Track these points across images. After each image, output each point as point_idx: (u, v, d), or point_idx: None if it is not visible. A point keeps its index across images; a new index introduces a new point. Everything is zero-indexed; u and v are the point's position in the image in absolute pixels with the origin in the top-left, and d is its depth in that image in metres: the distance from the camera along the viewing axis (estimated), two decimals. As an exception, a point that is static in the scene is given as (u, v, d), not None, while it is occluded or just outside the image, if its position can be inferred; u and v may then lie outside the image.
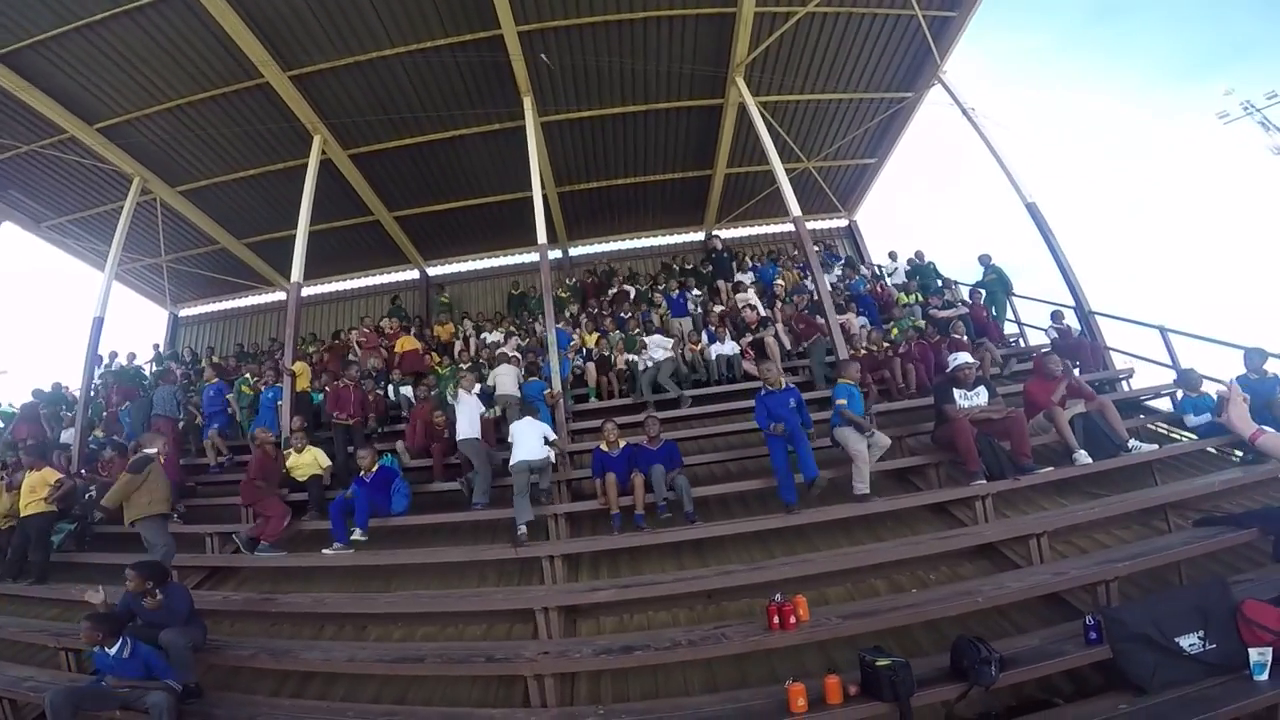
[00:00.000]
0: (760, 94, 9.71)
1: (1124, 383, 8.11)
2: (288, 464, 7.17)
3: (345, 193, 11.57)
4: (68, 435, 9.70)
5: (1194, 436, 6.42)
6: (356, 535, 6.09)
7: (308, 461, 7.13)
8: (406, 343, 10.36)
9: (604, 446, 6.32)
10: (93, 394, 10.06)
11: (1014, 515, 5.49)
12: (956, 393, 6.11)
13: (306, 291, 14.52)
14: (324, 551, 6.12)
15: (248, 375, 9.61)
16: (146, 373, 12.40)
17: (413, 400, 8.51)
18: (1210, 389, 6.63)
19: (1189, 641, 3.44)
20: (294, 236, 9.07)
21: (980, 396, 6.12)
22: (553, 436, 6.58)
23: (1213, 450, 6.24)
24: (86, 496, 7.43)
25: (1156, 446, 6.20)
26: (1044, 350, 7.88)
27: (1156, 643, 3.42)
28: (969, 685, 3.35)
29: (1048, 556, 4.76)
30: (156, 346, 13.77)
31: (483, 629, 5.03)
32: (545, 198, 9.59)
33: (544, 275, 8.22)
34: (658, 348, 8.68)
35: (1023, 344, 10.27)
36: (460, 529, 6.70)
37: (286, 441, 7.58)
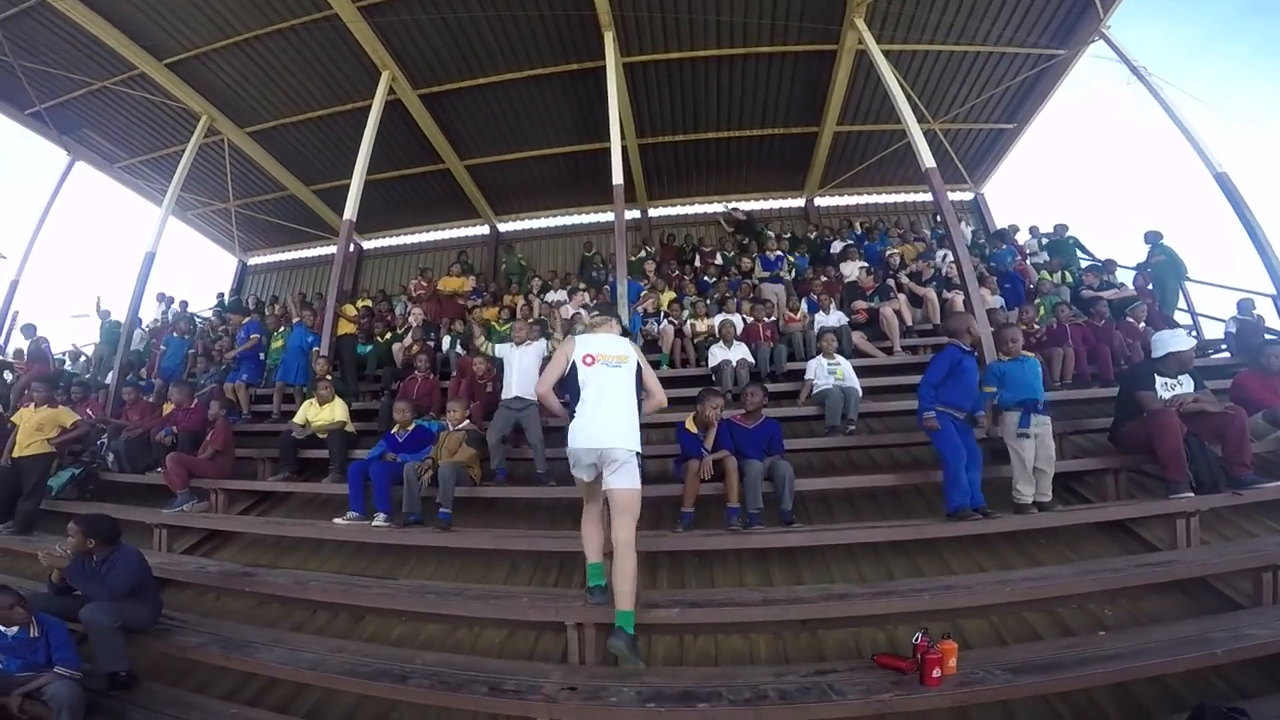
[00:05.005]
0: (882, 41, 8.18)
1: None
2: (308, 416, 6.31)
3: (414, 137, 10.81)
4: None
5: None
6: (379, 522, 4.98)
7: (325, 415, 6.25)
8: (449, 283, 9.46)
9: (690, 425, 4.93)
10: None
11: (1214, 540, 4.33)
12: (1159, 381, 4.73)
13: (371, 244, 14.59)
14: (335, 521, 5.11)
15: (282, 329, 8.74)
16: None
17: (460, 354, 7.52)
18: None
19: None
20: (363, 182, 8.29)
21: (1185, 386, 4.80)
22: None
23: None
24: (100, 443, 6.74)
25: None
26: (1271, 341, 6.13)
27: None
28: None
29: None
30: (221, 295, 13.49)
31: (503, 635, 3.87)
32: (625, 149, 8.48)
33: (618, 221, 7.01)
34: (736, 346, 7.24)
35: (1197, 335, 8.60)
36: (516, 506, 5.57)
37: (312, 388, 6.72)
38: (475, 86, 9.85)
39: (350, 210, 8.14)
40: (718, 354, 7.12)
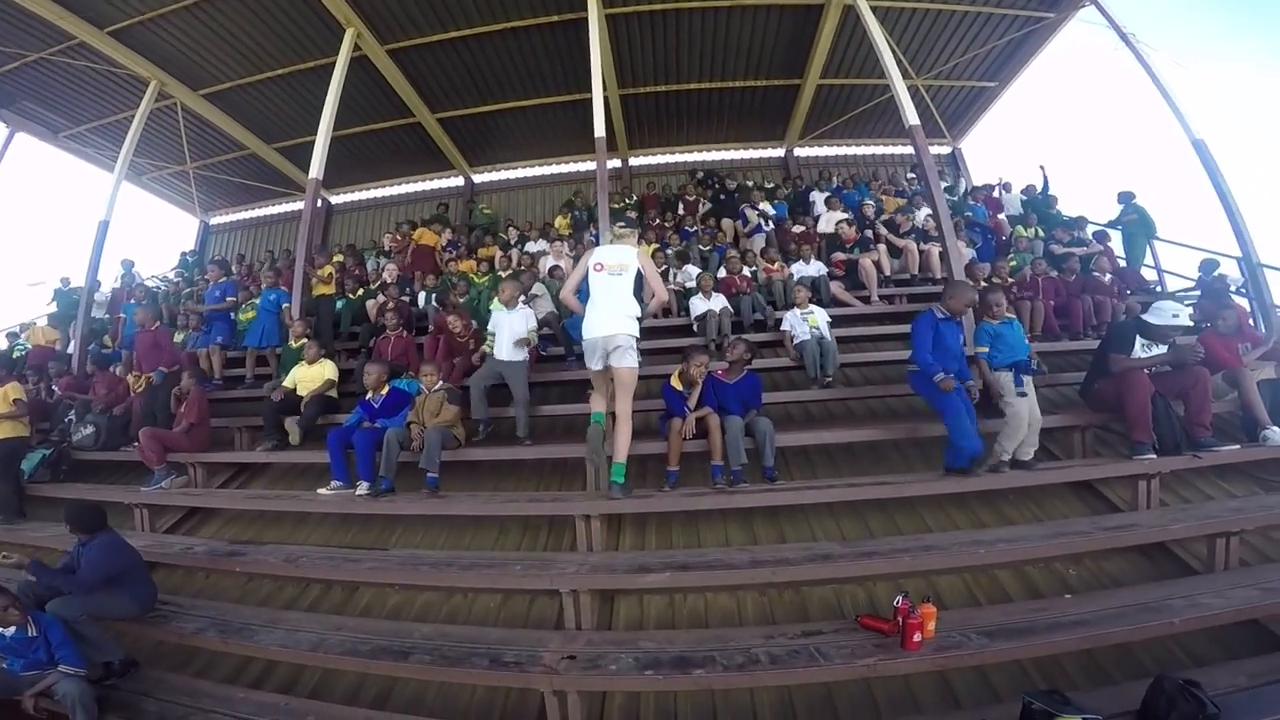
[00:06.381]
0: (870, -5, 8.03)
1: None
2: (296, 378, 6.20)
3: (383, 92, 10.39)
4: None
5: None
6: (362, 490, 4.89)
7: (314, 375, 6.12)
8: (425, 236, 9.35)
9: (676, 382, 4.88)
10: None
11: (1174, 502, 4.42)
12: (1139, 342, 4.73)
13: (342, 198, 14.27)
14: (319, 492, 5.06)
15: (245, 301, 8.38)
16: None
17: (438, 309, 7.40)
18: None
19: None
20: (329, 141, 7.95)
21: (1159, 347, 4.81)
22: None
23: None
24: (68, 419, 6.54)
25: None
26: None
27: None
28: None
29: (1234, 562, 3.66)
30: (184, 254, 13.13)
31: (498, 600, 3.95)
32: (606, 100, 8.24)
33: (600, 174, 6.80)
34: (712, 296, 7.27)
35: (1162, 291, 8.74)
36: (501, 467, 5.55)
37: (293, 353, 6.58)
38: (448, 40, 9.41)
39: (316, 169, 7.80)
40: (699, 305, 7.18)
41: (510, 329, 5.66)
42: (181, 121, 10.63)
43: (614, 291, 4.24)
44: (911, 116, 6.85)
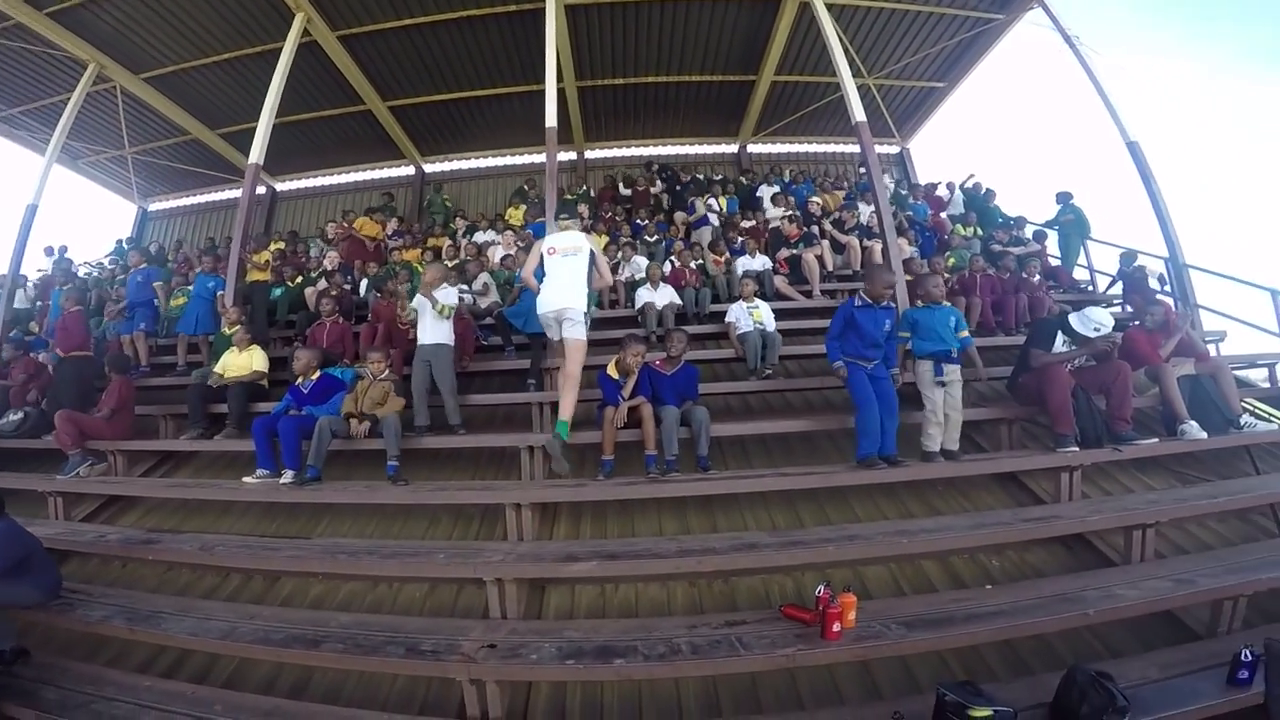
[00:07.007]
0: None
1: (1214, 346, 6.95)
2: (225, 365, 6.00)
3: (333, 78, 10.20)
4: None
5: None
6: (287, 479, 4.73)
7: (243, 363, 5.95)
8: (365, 226, 9.31)
9: (612, 371, 4.86)
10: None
11: (1095, 494, 4.51)
12: (1060, 338, 4.87)
13: (288, 185, 13.93)
14: (245, 481, 4.88)
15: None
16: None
17: (378, 297, 7.27)
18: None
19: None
20: (274, 128, 7.73)
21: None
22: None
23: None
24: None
25: (1276, 425, 5.16)
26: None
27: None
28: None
29: (1149, 554, 3.74)
30: (120, 241, 12.59)
31: (424, 590, 3.87)
32: (564, 92, 8.15)
33: (549, 164, 6.73)
34: (662, 289, 7.33)
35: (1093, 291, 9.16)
36: (438, 456, 5.42)
37: (226, 340, 6.37)
38: (401, 28, 9.25)
39: (256, 154, 7.54)
40: (644, 296, 7.19)
41: (432, 312, 5.47)
42: (120, 105, 10.31)
43: (568, 270, 4.53)
44: (858, 113, 6.97)
